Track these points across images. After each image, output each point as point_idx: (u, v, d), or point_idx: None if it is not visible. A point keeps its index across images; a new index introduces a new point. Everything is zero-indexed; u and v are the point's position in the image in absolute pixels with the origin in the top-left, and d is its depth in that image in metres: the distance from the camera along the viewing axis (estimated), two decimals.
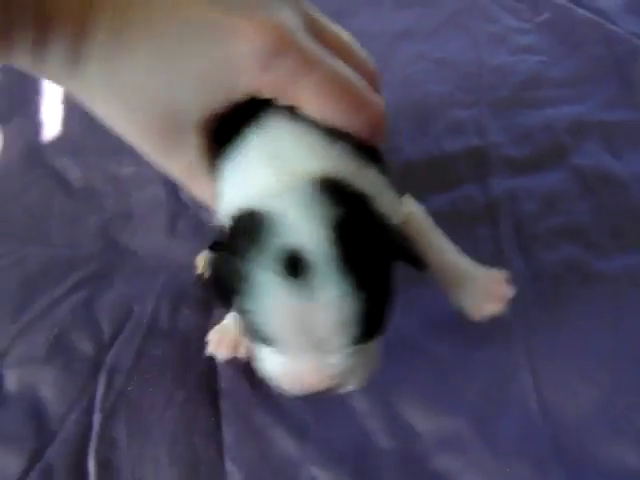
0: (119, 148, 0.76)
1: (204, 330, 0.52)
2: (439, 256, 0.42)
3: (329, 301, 0.29)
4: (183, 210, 0.67)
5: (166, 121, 0.36)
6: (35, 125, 0.81)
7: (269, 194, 0.32)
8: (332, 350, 0.32)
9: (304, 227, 0.30)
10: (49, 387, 0.47)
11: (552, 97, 0.77)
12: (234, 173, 0.36)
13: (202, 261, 0.55)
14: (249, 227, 0.32)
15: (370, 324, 0.32)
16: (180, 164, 0.38)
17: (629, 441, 0.39)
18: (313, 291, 0.29)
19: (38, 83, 0.88)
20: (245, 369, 0.48)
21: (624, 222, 0.57)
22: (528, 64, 0.84)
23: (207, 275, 0.38)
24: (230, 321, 0.48)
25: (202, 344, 0.51)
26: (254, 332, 0.32)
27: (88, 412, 0.45)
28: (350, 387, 0.35)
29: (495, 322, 0.47)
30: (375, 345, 0.35)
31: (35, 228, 0.65)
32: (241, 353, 0.46)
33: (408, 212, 0.43)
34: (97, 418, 0.45)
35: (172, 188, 0.70)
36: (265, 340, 0.32)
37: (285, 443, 0.41)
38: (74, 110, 0.83)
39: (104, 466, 0.41)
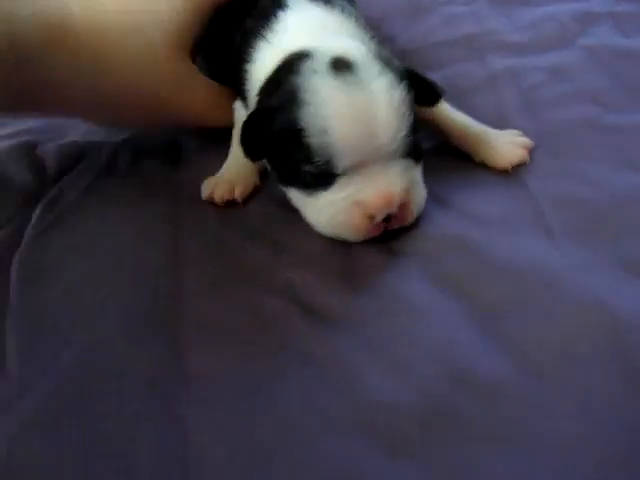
0: None
1: (169, 179, 0.46)
2: (460, 125, 0.45)
3: (379, 89, 0.32)
4: None
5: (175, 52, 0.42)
6: None
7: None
8: (392, 154, 0.33)
9: (347, 48, 0.34)
10: None
11: None
12: (271, 47, 0.40)
13: None
14: (298, 56, 0.34)
15: (413, 127, 0.34)
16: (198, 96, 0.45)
17: None
18: (363, 82, 0.32)
19: None
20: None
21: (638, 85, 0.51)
22: None
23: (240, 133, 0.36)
24: (225, 171, 0.43)
25: (166, 186, 0.44)
26: (310, 165, 0.32)
27: (19, 230, 0.38)
28: (411, 217, 0.35)
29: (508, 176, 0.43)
30: (421, 180, 0.36)
31: None
32: (237, 195, 0.40)
33: None
34: (28, 234, 0.37)
35: None
36: (323, 171, 0.32)
37: (258, 254, 0.34)
38: None
39: (31, 269, 0.34)
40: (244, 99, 0.43)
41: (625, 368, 0.26)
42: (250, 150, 0.35)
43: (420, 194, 0.36)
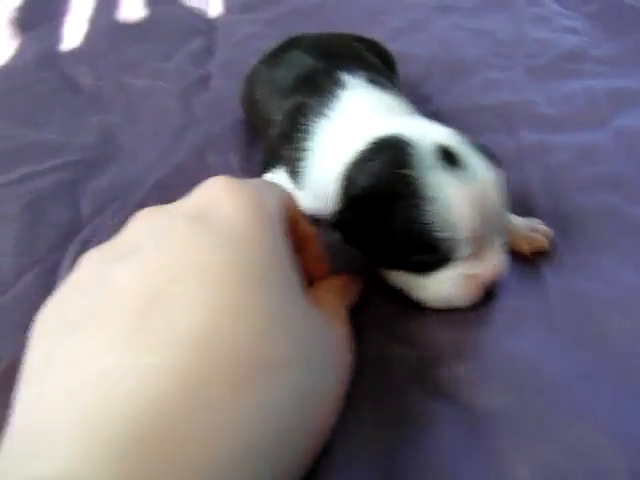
0: (136, 62, 0.76)
1: None
2: None
3: (490, 178, 0.35)
4: (193, 123, 0.63)
5: None
6: (55, 37, 0.79)
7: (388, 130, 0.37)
8: (497, 234, 0.36)
9: (441, 137, 0.36)
10: (10, 243, 0.42)
11: (593, 71, 0.73)
12: (335, 125, 0.41)
13: None
14: (394, 146, 0.35)
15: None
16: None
17: None
18: (472, 173, 0.34)
19: (65, 2, 0.87)
20: None
21: None
22: (570, 41, 0.80)
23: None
24: None
25: None
26: (433, 250, 0.34)
27: (51, 271, 0.40)
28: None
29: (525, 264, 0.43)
30: None
31: (33, 116, 0.61)
32: None
33: None
34: (60, 276, 0.39)
35: (185, 101, 0.66)
36: (446, 251, 0.34)
37: None
38: (98, 27, 0.81)
39: None
40: (292, 173, 0.44)
41: None
42: (349, 234, 0.37)
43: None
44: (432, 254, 0.34)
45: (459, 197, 0.33)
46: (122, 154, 0.58)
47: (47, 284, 0.40)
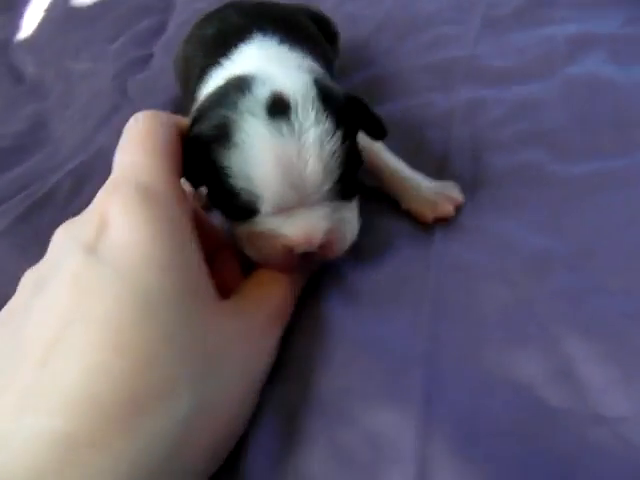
0: (81, 47, 0.76)
1: None
2: (391, 170, 0.43)
3: (311, 141, 0.31)
4: (124, 104, 0.63)
5: None
6: (12, 26, 0.80)
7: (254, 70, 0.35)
8: (318, 200, 0.32)
9: (285, 79, 0.33)
10: None
11: (557, 16, 0.65)
12: (223, 71, 0.39)
13: None
14: (234, 85, 0.33)
15: (345, 174, 0.32)
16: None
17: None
18: (296, 132, 0.31)
19: None
20: None
21: (604, 127, 0.46)
22: None
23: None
24: None
25: None
26: (238, 199, 0.32)
27: None
28: (334, 253, 0.34)
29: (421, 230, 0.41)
30: (354, 215, 0.36)
31: None
32: None
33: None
34: None
35: (120, 82, 0.66)
36: (250, 202, 0.32)
37: None
38: (53, 15, 0.82)
39: None
40: None
41: None
42: (189, 176, 0.35)
43: (351, 230, 0.35)
44: (236, 201, 0.32)
45: (265, 150, 0.30)
46: (49, 141, 0.58)
47: None
